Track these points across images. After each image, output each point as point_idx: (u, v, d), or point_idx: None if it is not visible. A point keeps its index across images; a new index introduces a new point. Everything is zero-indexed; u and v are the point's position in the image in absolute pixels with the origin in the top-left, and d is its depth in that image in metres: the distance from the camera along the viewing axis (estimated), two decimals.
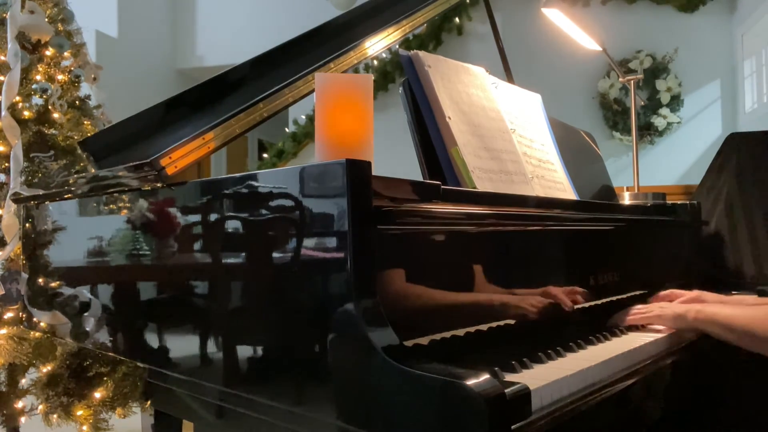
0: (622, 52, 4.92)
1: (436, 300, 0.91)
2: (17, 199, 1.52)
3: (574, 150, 1.70)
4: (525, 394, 0.72)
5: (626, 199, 1.95)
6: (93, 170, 1.27)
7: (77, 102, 1.91)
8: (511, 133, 1.34)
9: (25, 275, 1.49)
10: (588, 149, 1.85)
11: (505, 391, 0.69)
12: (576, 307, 1.22)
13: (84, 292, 1.34)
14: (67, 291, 1.40)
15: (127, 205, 1.20)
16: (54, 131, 1.73)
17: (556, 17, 2.10)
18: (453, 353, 0.89)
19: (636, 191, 2.17)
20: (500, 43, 1.88)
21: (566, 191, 1.45)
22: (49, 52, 1.81)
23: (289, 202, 0.85)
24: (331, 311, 0.78)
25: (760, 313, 1.15)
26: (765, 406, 1.52)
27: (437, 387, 0.68)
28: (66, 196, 1.41)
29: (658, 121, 4.83)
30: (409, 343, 0.83)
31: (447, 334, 0.91)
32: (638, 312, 1.29)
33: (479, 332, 0.97)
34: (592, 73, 5.04)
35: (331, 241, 0.79)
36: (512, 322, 1.05)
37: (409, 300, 0.87)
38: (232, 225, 0.96)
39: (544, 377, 0.84)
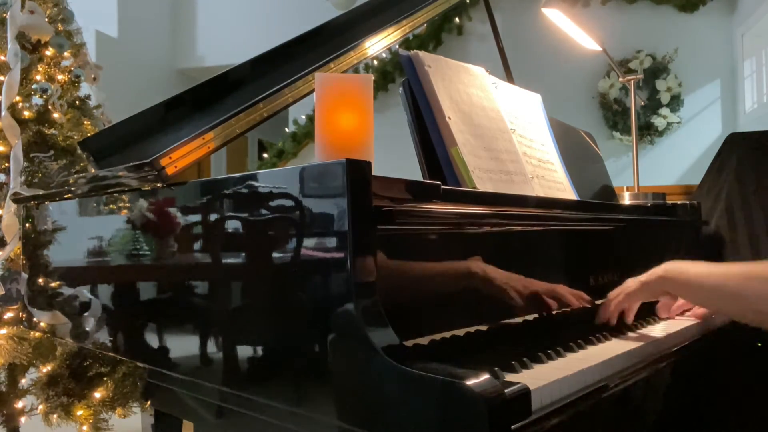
0: (622, 52, 4.92)
1: (436, 300, 0.91)
2: (17, 199, 1.52)
3: (574, 150, 1.70)
4: (525, 394, 0.72)
5: (626, 199, 1.95)
6: (93, 170, 1.27)
7: (77, 102, 1.91)
8: (511, 133, 1.34)
9: (25, 275, 1.50)
10: (588, 149, 1.85)
11: (505, 391, 0.69)
12: (576, 307, 1.22)
13: (84, 292, 1.34)
14: (67, 291, 1.40)
15: (127, 205, 1.20)
16: (54, 131, 1.73)
17: (556, 17, 2.10)
18: (453, 353, 0.89)
19: (636, 191, 2.17)
20: (500, 43, 1.88)
21: (566, 191, 1.45)
22: (49, 52, 1.81)
23: (289, 202, 0.85)
24: (331, 311, 0.78)
25: (729, 271, 1.07)
26: (765, 406, 1.52)
27: (437, 387, 0.68)
28: (66, 196, 1.41)
29: (658, 121, 4.84)
30: (409, 343, 0.83)
31: (447, 334, 0.91)
32: (614, 301, 1.21)
33: (479, 332, 0.97)
34: (592, 73, 5.04)
35: (331, 241, 0.79)
36: (512, 321, 1.05)
37: (409, 300, 0.87)
38: (232, 225, 0.97)
39: (544, 377, 0.84)
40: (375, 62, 5.23)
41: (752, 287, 1.03)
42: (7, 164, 1.58)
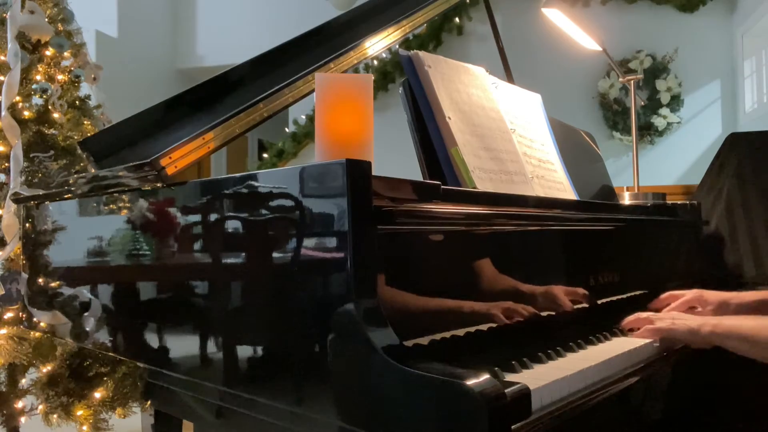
0: (622, 52, 4.92)
1: (436, 300, 0.91)
2: (17, 199, 1.52)
3: (574, 150, 1.70)
4: (525, 394, 0.72)
5: (626, 199, 1.95)
6: (93, 170, 1.27)
7: (77, 102, 1.91)
8: (511, 133, 1.34)
9: (25, 275, 1.49)
10: (588, 149, 1.85)
11: (505, 391, 0.69)
12: (576, 307, 1.22)
13: (84, 292, 1.34)
14: (67, 291, 1.40)
15: (127, 205, 1.20)
16: (54, 131, 1.72)
17: (556, 17, 2.10)
18: (453, 353, 0.89)
19: (636, 191, 2.17)
20: (500, 43, 1.88)
21: (566, 191, 1.45)
22: (49, 52, 1.81)
23: (289, 202, 0.85)
24: (331, 311, 0.78)
25: None
26: (765, 405, 1.52)
27: (437, 387, 0.68)
28: (66, 196, 1.41)
29: (658, 121, 4.83)
30: (409, 343, 0.83)
31: (447, 334, 0.91)
32: (647, 321, 1.21)
33: (479, 332, 0.97)
34: (592, 73, 5.04)
35: (331, 241, 0.79)
36: (512, 321, 1.05)
37: (409, 300, 0.87)
38: (232, 225, 0.96)
39: (544, 377, 0.84)
40: (375, 62, 5.23)
41: None
42: (7, 164, 1.58)
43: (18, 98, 1.65)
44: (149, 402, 1.24)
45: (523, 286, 1.09)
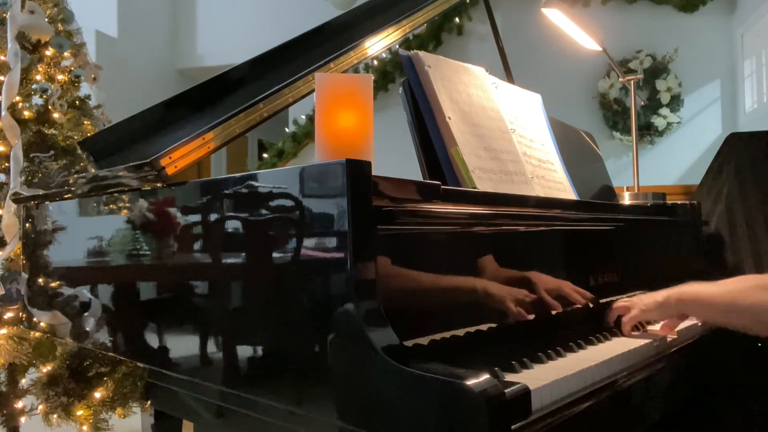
0: (622, 52, 4.92)
1: (436, 300, 0.91)
2: (17, 199, 1.52)
3: (574, 150, 1.70)
4: (525, 394, 0.72)
5: (626, 199, 1.95)
6: (93, 170, 1.27)
7: (77, 102, 1.91)
8: (511, 133, 1.34)
9: (25, 275, 1.49)
10: (588, 149, 1.85)
11: (505, 391, 0.69)
12: (576, 307, 1.22)
13: (84, 292, 1.34)
14: (67, 291, 1.40)
15: (127, 205, 1.20)
16: (54, 131, 1.73)
17: (556, 17, 2.10)
18: (453, 353, 0.89)
19: (636, 191, 2.17)
20: (500, 43, 1.88)
21: (566, 191, 1.45)
22: (49, 52, 1.82)
23: (289, 202, 0.85)
24: (331, 311, 0.78)
25: (740, 286, 1.13)
26: (765, 405, 1.52)
27: (437, 387, 0.68)
28: (66, 196, 1.41)
29: (658, 121, 4.84)
30: (409, 343, 0.83)
31: (447, 334, 0.91)
32: (624, 310, 1.24)
33: (479, 332, 0.97)
34: (592, 73, 5.04)
35: (331, 241, 0.79)
36: (512, 322, 1.05)
37: (409, 300, 0.87)
38: (232, 225, 0.97)
39: (544, 377, 0.84)
40: (375, 62, 5.23)
41: (761, 300, 1.07)
42: (7, 164, 1.58)
43: (18, 98, 1.65)
44: (149, 402, 1.24)
45: (523, 285, 1.09)
